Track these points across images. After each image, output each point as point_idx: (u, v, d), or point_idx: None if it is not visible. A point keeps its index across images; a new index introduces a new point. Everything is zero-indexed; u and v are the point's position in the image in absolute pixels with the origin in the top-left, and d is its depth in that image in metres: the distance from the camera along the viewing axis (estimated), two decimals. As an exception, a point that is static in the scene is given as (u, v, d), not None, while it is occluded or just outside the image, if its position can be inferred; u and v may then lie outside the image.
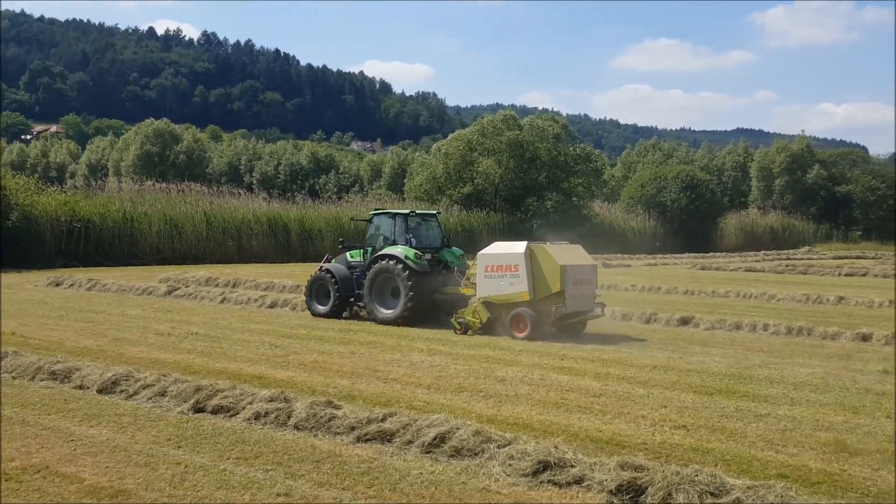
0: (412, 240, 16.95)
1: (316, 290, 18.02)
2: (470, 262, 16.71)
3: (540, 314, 14.65)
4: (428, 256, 16.85)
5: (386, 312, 16.71)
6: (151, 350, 12.61)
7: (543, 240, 18.98)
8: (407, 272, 16.25)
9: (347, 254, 18.46)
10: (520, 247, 14.95)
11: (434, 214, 18.69)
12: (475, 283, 15.63)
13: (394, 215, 17.58)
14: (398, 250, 16.53)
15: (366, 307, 17.11)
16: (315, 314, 17.77)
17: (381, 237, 17.50)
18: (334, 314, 17.58)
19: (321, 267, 18.18)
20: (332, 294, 17.63)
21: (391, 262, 16.46)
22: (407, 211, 17.82)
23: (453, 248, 17.83)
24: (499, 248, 15.65)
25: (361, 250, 18.02)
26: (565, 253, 15.14)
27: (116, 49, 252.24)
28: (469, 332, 15.23)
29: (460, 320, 15.43)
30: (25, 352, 11.46)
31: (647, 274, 32.71)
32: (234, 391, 8.98)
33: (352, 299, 17.74)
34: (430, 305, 16.61)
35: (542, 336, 14.55)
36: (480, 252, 15.66)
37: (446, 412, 8.41)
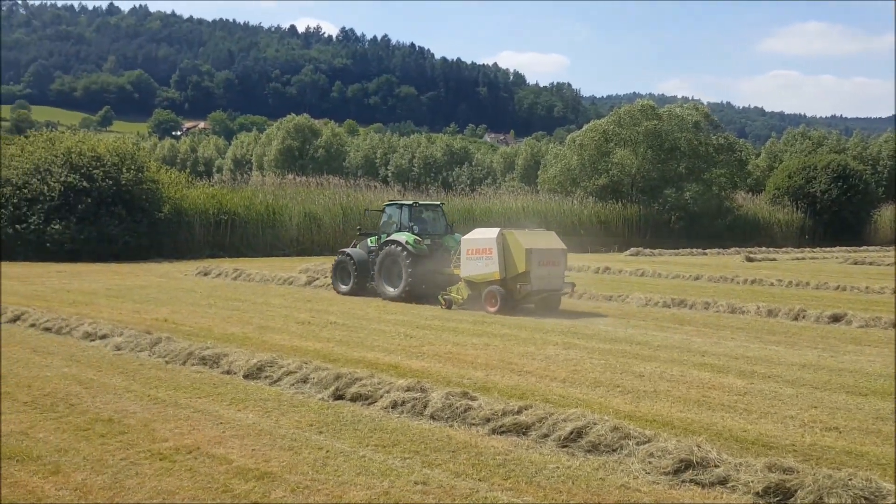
0: (415, 227, 18.87)
1: (339, 272, 20.13)
2: None
3: (509, 292, 16.55)
4: (428, 242, 18.64)
5: (391, 290, 18.69)
6: (293, 338, 13.00)
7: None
8: (405, 253, 18.22)
9: (368, 239, 20.39)
10: (493, 232, 16.91)
11: (439, 205, 20.69)
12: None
13: (401, 206, 19.60)
14: (402, 236, 18.49)
15: (376, 286, 19.03)
16: (339, 292, 19.80)
17: (393, 224, 19.36)
18: (354, 292, 19.50)
19: (344, 251, 20.19)
20: (351, 275, 19.66)
21: (394, 247, 18.50)
22: (411, 202, 19.81)
23: (455, 234, 19.46)
24: (478, 233, 17.54)
25: (377, 236, 19.92)
26: (534, 238, 17.20)
27: (260, 47, 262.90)
28: (453, 306, 17.22)
29: (446, 297, 17.44)
30: (177, 337, 12.05)
31: (795, 268, 31.30)
32: (371, 380, 9.13)
33: (367, 280, 19.52)
34: (429, 285, 18.36)
35: (512, 311, 16.36)
36: (463, 237, 17.63)
37: (583, 406, 8.28)
